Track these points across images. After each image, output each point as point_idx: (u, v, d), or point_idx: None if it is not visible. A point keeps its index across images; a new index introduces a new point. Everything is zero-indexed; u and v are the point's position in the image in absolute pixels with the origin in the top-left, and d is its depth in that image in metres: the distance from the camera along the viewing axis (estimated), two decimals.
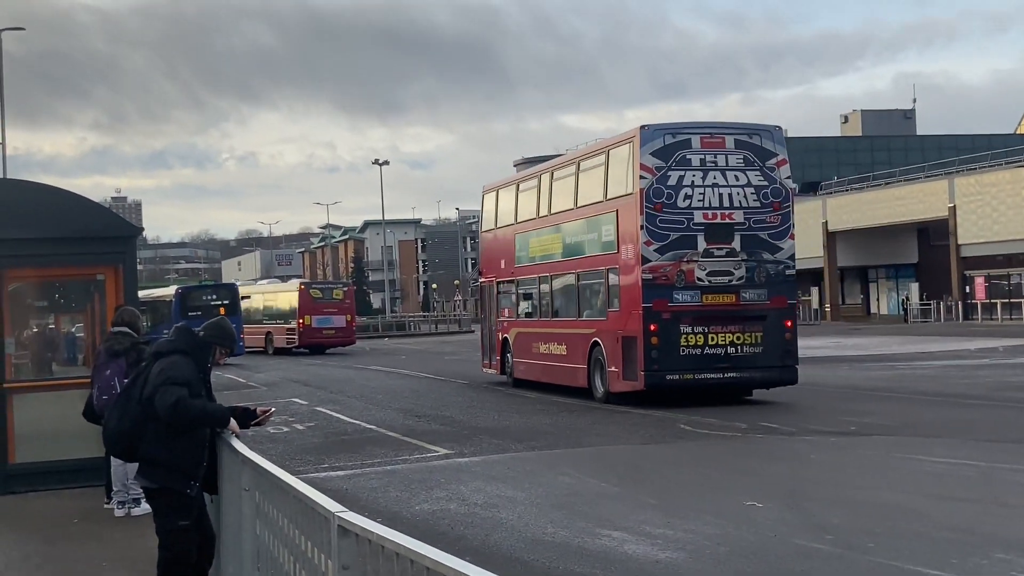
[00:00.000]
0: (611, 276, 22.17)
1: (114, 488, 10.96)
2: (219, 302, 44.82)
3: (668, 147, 20.79)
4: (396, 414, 21.51)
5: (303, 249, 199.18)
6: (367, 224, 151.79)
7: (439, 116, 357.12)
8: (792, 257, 21.63)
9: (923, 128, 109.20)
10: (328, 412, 22.24)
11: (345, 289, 57.00)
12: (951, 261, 63.79)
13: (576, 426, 18.45)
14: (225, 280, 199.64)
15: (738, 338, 20.81)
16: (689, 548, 9.26)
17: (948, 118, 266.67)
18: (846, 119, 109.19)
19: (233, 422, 6.76)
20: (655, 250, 20.59)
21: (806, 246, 76.24)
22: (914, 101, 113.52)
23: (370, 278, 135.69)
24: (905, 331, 56.73)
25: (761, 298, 21.02)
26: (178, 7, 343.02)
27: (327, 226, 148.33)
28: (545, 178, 26.32)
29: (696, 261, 20.70)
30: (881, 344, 43.65)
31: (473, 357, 33.49)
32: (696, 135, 21.16)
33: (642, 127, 21.39)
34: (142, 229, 13.75)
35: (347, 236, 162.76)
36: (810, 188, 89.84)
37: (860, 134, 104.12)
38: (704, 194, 20.74)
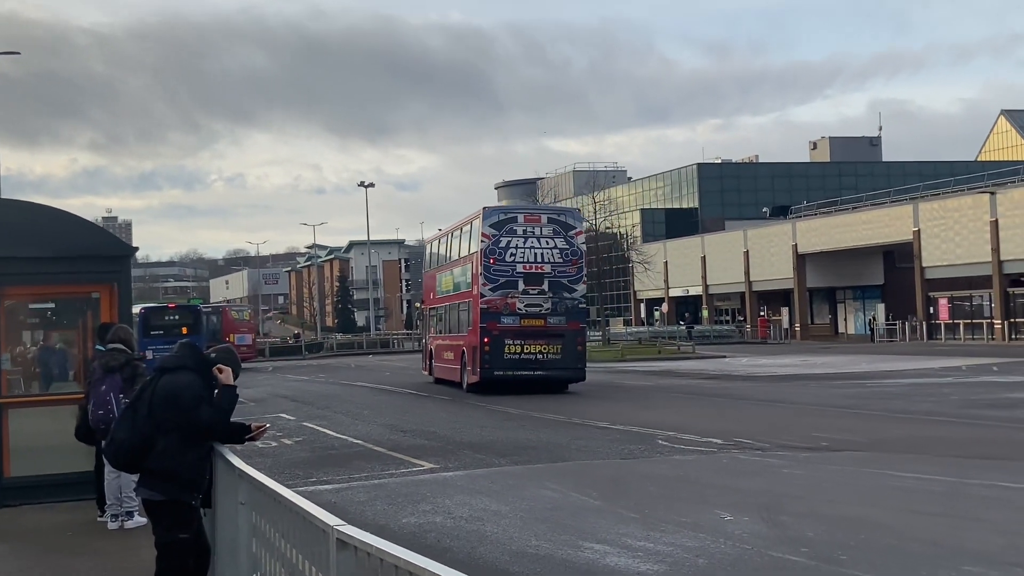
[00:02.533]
0: (470, 306, 30.62)
1: (107, 501, 10.86)
2: (181, 322, 44.50)
3: (501, 221, 29.66)
4: (382, 429, 21.42)
5: (289, 268, 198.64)
6: (352, 244, 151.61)
7: (428, 138, 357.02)
8: (584, 296, 30.76)
9: (890, 154, 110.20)
10: (315, 427, 22.13)
11: (250, 311, 62.69)
12: (916, 283, 64.23)
13: (557, 441, 18.42)
14: (214, 300, 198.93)
15: (544, 348, 29.27)
16: (669, 561, 9.24)
17: (915, 145, 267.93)
18: (815, 146, 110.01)
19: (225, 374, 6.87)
20: (490, 289, 29.29)
21: (776, 268, 76.81)
22: (880, 129, 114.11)
23: (355, 296, 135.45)
24: (872, 350, 56.97)
25: (561, 323, 29.45)
26: (174, 31, 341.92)
27: (313, 246, 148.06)
28: (449, 236, 35.61)
29: (517, 297, 29.27)
30: (849, 363, 43.81)
31: None
32: (521, 214, 30.37)
33: (484, 208, 30.48)
34: (137, 248, 13.66)
35: (332, 256, 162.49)
36: (780, 212, 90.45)
37: (828, 160, 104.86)
38: (524, 253, 29.37)
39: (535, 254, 29.34)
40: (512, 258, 29.26)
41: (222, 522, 6.61)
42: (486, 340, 29.02)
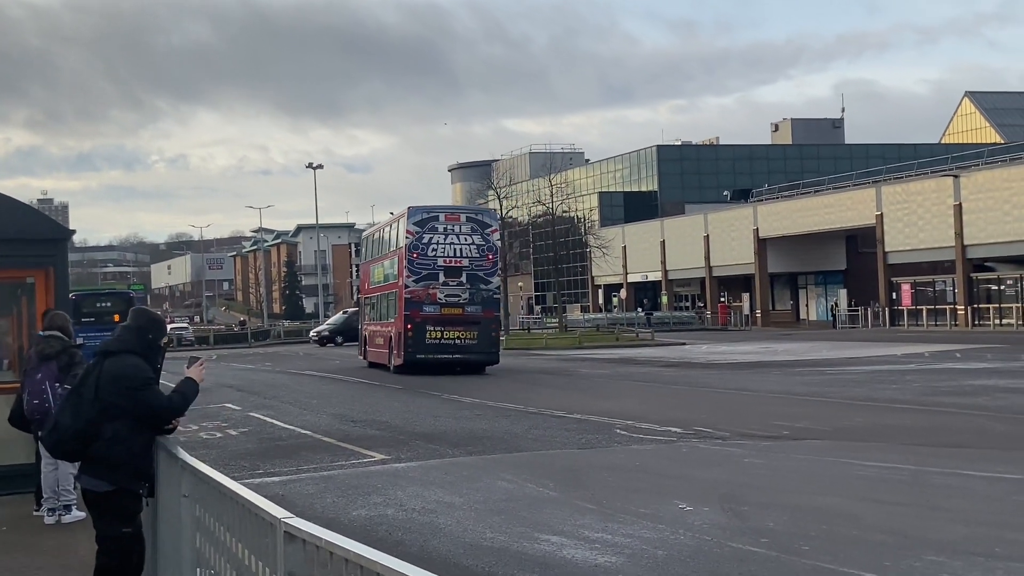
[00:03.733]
0: (396, 295, 34.58)
1: (44, 495, 10.73)
2: (113, 309, 44.15)
3: (424, 220, 33.81)
4: (331, 419, 21.35)
5: (235, 253, 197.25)
6: (300, 228, 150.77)
7: (382, 118, 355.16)
8: (498, 288, 35.69)
9: (855, 136, 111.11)
10: (262, 417, 22.02)
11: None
12: (878, 268, 64.93)
13: (512, 431, 18.46)
14: (156, 286, 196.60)
15: (462, 334, 33.31)
16: (627, 552, 9.29)
17: (880, 127, 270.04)
18: (776, 128, 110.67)
19: (195, 369, 6.80)
20: (413, 281, 33.38)
21: (737, 253, 77.35)
22: (843, 110, 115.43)
23: (303, 282, 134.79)
24: (834, 336, 57.56)
25: (477, 311, 33.57)
26: (115, 2, 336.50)
27: (259, 230, 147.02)
28: (381, 231, 40.92)
29: (438, 288, 33.35)
30: (811, 349, 44.24)
31: None
32: (442, 214, 34.70)
33: (409, 208, 34.53)
34: (74, 231, 13.47)
35: (280, 240, 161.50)
36: (741, 196, 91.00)
37: (790, 142, 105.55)
38: (444, 248, 33.43)
39: (454, 249, 33.57)
40: (434, 253, 33.49)
41: (164, 515, 6.54)
42: (409, 327, 33.22)
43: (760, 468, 14.02)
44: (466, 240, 33.67)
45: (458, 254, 33.54)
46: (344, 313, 73.14)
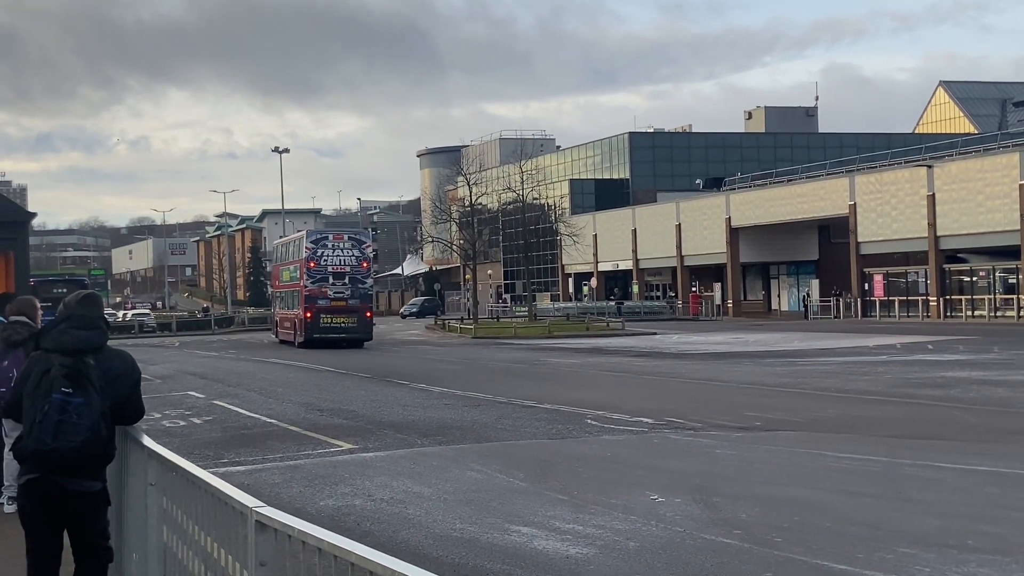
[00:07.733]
0: (299, 293, 47.92)
1: (5, 483, 10.64)
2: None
3: (318, 239, 48.07)
4: (297, 408, 21.30)
5: (198, 238, 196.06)
6: (265, 213, 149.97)
7: (359, 99, 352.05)
8: (371, 287, 51.29)
9: (834, 124, 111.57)
10: (226, 405, 21.93)
11: None
12: (851, 258, 65.27)
13: (482, 421, 18.47)
14: (117, 271, 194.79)
15: (345, 320, 46.84)
16: (599, 543, 9.33)
17: (859, 114, 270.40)
18: (750, 115, 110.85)
19: None
20: (311, 282, 46.85)
21: (709, 242, 77.60)
22: (816, 99, 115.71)
23: (268, 268, 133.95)
24: (806, 327, 57.87)
25: (357, 304, 47.28)
26: None
27: (223, 214, 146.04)
28: (288, 244, 54.45)
29: (328, 287, 46.78)
30: (782, 340, 44.48)
31: (378, 352, 37.26)
32: (331, 234, 49.17)
33: (307, 231, 52.29)
34: (34, 214, 13.38)
35: (244, 225, 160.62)
36: (714, 184, 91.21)
37: (764, 130, 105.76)
38: (332, 259, 47.08)
39: (340, 260, 47.21)
40: (325, 262, 46.98)
41: (129, 504, 6.50)
42: (308, 315, 46.48)
43: (732, 459, 14.10)
44: (348, 253, 47.42)
45: (342, 263, 47.14)
46: None
